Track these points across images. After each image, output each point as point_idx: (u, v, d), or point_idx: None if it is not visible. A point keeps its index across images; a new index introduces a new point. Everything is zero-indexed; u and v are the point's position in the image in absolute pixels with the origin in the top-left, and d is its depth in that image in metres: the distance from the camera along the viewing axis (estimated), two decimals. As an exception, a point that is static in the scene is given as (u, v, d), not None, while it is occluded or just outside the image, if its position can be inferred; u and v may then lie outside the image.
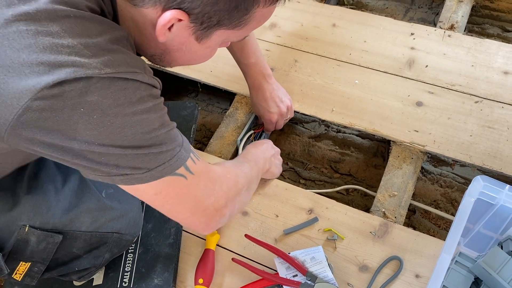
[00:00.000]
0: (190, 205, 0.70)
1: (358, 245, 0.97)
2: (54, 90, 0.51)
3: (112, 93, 0.54)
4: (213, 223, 0.76)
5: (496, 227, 0.84)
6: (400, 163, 1.11)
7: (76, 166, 0.59)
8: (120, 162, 0.58)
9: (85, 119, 0.53)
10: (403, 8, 1.64)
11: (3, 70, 0.51)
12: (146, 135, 0.58)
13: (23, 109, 0.51)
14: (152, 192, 0.65)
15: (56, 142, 0.55)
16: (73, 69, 0.51)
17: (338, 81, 1.26)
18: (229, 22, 0.62)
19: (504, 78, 1.20)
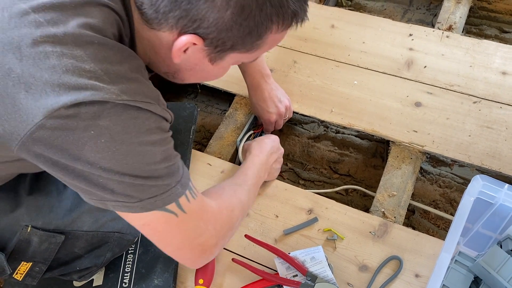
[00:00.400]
0: (177, 241, 0.70)
1: (358, 245, 0.97)
2: (70, 111, 0.53)
3: (123, 120, 0.56)
4: (200, 260, 0.76)
5: (496, 226, 0.85)
6: (399, 163, 1.11)
7: (74, 187, 0.60)
8: (116, 188, 0.59)
9: (93, 141, 0.55)
10: (401, 9, 1.65)
11: (25, 87, 0.52)
12: (146, 166, 0.59)
13: (36, 127, 0.53)
14: (141, 223, 0.66)
15: (61, 160, 0.56)
16: (92, 92, 0.53)
17: (337, 82, 1.26)
18: (242, 46, 0.64)
19: (502, 78, 1.21)
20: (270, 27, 0.62)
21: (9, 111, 0.53)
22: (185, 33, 0.61)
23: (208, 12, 0.58)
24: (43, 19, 0.53)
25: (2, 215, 0.76)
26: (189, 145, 1.13)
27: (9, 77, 0.52)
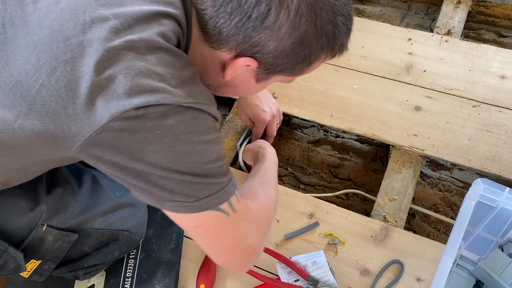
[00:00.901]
0: (228, 243, 0.71)
1: (359, 249, 0.97)
2: (139, 112, 0.54)
3: (186, 120, 0.58)
4: (249, 263, 0.76)
5: (497, 230, 0.85)
6: (400, 167, 1.11)
7: (132, 186, 0.61)
8: (175, 188, 0.60)
9: (157, 141, 0.56)
10: (400, 14, 1.66)
11: (98, 89, 0.54)
12: (204, 165, 0.61)
13: (103, 128, 0.54)
14: (194, 224, 0.66)
15: (122, 162, 0.58)
16: (162, 95, 0.55)
17: (337, 86, 1.27)
18: (290, 71, 0.67)
19: (501, 82, 1.21)
20: (320, 56, 0.66)
21: (78, 112, 0.54)
22: (243, 55, 0.63)
23: (270, 41, 0.61)
24: (122, 26, 0.56)
25: (23, 213, 0.76)
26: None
27: (83, 79, 0.54)
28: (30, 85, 0.55)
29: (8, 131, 0.57)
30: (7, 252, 0.75)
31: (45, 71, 0.54)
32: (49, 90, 0.54)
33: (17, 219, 0.76)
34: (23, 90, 0.55)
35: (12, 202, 0.76)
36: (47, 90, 0.54)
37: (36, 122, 0.55)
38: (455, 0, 1.46)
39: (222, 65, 0.67)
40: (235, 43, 0.62)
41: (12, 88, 0.55)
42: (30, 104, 0.55)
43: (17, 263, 0.77)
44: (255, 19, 0.59)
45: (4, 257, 0.75)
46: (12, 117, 0.56)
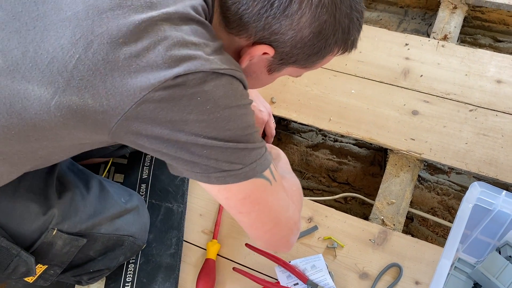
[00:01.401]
0: (273, 214, 0.70)
1: (358, 252, 0.98)
2: (178, 80, 0.55)
3: (224, 85, 0.58)
4: (293, 237, 0.76)
5: (494, 232, 0.86)
6: (398, 171, 1.12)
7: (176, 161, 0.61)
8: (220, 156, 0.60)
9: (199, 109, 0.57)
10: (396, 19, 1.67)
11: (136, 60, 0.54)
12: (245, 130, 0.62)
13: (144, 99, 0.54)
14: (242, 195, 0.66)
15: (164, 134, 0.57)
16: (199, 62, 0.56)
17: (335, 91, 1.28)
18: (303, 62, 0.68)
19: (498, 86, 1.22)
20: (334, 49, 0.67)
21: (116, 85, 0.54)
22: (261, 42, 0.64)
23: (289, 30, 0.61)
24: (157, 1, 0.57)
25: (35, 217, 0.76)
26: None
27: (121, 51, 0.54)
28: (67, 61, 0.54)
29: (43, 111, 0.56)
30: (19, 256, 0.75)
31: (81, 46, 0.54)
32: (87, 64, 0.54)
33: (29, 223, 0.76)
34: (59, 66, 0.54)
35: (24, 206, 0.76)
36: (85, 64, 0.54)
37: (74, 97, 0.55)
38: (451, 6, 1.48)
39: (238, 52, 0.67)
40: (255, 30, 0.62)
41: (48, 64, 0.55)
42: (67, 80, 0.54)
43: (28, 267, 0.77)
44: (278, 6, 0.59)
45: (16, 261, 0.75)
46: (48, 94, 0.55)
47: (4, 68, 0.56)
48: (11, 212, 0.74)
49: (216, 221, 1.04)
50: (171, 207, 1.06)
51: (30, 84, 0.55)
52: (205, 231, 1.04)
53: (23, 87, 0.56)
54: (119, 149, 1.08)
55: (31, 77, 0.55)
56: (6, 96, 0.56)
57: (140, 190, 1.10)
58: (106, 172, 1.13)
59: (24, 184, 0.76)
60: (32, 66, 0.55)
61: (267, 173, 0.66)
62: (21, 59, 0.55)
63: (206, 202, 1.08)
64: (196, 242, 1.03)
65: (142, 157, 1.15)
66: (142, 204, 0.99)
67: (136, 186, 1.10)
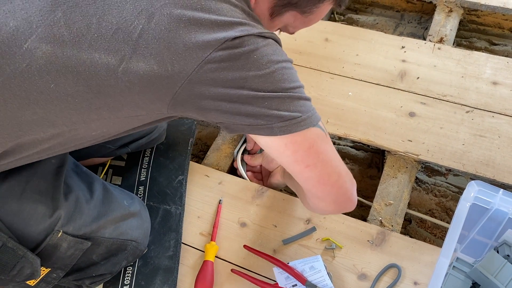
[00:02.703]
0: (335, 164, 0.74)
1: (356, 253, 0.98)
2: (236, 41, 0.61)
3: (271, 45, 0.66)
4: (354, 191, 0.79)
5: (492, 231, 0.86)
6: (395, 173, 1.12)
7: (239, 117, 0.65)
8: (280, 106, 0.65)
9: (256, 65, 0.63)
10: (393, 23, 1.68)
11: (195, 27, 0.60)
12: (296, 83, 0.68)
13: (205, 61, 0.60)
14: (307, 145, 0.69)
15: (226, 93, 0.63)
16: (249, 27, 0.63)
17: (332, 94, 1.28)
18: (304, 5, 0.74)
19: (493, 88, 1.23)
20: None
21: (179, 50, 0.59)
22: None
23: None
24: None
25: (41, 219, 0.76)
26: (187, 156, 1.14)
27: (180, 20, 0.59)
28: (131, 31, 0.59)
29: (110, 76, 0.60)
30: (25, 257, 0.74)
31: (143, 18, 0.59)
32: (150, 34, 0.59)
33: (36, 225, 0.76)
34: (124, 36, 0.59)
35: (31, 207, 0.75)
36: (148, 33, 0.59)
37: (141, 64, 0.59)
38: (446, 9, 1.49)
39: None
40: None
41: (113, 34, 0.59)
42: (133, 48, 0.59)
43: (33, 269, 0.76)
44: None
45: (21, 262, 0.74)
46: (116, 61, 0.60)
47: (70, 39, 0.59)
48: (18, 212, 0.74)
49: (214, 223, 1.04)
50: (169, 209, 1.06)
51: (96, 53, 0.59)
52: (203, 233, 1.04)
53: (90, 56, 0.59)
54: (119, 149, 1.08)
55: (97, 46, 0.59)
56: (73, 65, 0.60)
57: (138, 192, 1.09)
58: (104, 174, 1.13)
59: (32, 184, 0.76)
60: (97, 36, 0.59)
61: (321, 124, 0.72)
62: (86, 30, 0.59)
63: (204, 204, 1.08)
64: (194, 244, 1.02)
65: (140, 160, 1.15)
66: (144, 208, 0.99)
67: (134, 188, 1.10)
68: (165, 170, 1.13)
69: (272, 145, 0.70)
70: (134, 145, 1.11)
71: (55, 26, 0.59)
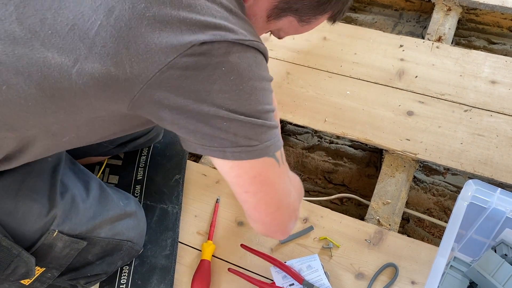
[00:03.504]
0: (278, 197, 0.70)
1: (353, 253, 0.97)
2: (203, 48, 0.54)
3: (248, 57, 0.58)
4: (290, 224, 0.76)
5: (489, 231, 0.86)
6: (393, 171, 1.12)
7: (193, 134, 0.60)
8: (239, 131, 0.59)
9: (223, 79, 0.56)
10: (391, 22, 1.68)
11: (160, 26, 0.53)
12: (264, 106, 0.61)
13: (168, 66, 0.53)
14: (253, 173, 0.65)
15: (186, 104, 0.56)
16: (225, 32, 0.55)
17: (330, 92, 1.28)
18: (304, 13, 0.69)
19: (492, 87, 1.23)
20: (332, 9, 0.70)
21: (140, 51, 0.53)
22: None
23: None
24: None
25: (37, 218, 0.75)
26: (185, 155, 1.14)
27: (144, 16, 0.52)
28: (88, 27, 0.53)
29: (64, 78, 0.55)
30: (20, 256, 0.73)
31: (102, 12, 0.53)
32: (109, 31, 0.52)
33: (31, 224, 0.75)
34: (81, 33, 0.53)
35: (27, 206, 0.74)
36: (107, 30, 0.53)
37: (96, 65, 0.53)
38: (445, 8, 1.48)
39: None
40: None
41: (69, 31, 0.53)
42: (89, 47, 0.53)
43: (28, 268, 0.75)
44: None
45: (16, 261, 0.73)
46: (70, 62, 0.54)
47: (21, 36, 0.54)
48: (13, 211, 0.73)
49: (211, 222, 1.04)
50: (166, 208, 1.06)
51: (49, 52, 0.54)
52: (200, 232, 1.03)
53: (42, 55, 0.54)
54: (116, 147, 1.08)
55: (50, 45, 0.54)
56: (24, 65, 0.54)
57: (134, 191, 1.09)
58: (101, 173, 1.13)
59: (28, 183, 0.76)
60: (51, 33, 0.54)
61: (278, 154, 0.66)
62: (39, 27, 0.54)
63: (201, 203, 1.08)
64: (191, 243, 1.02)
65: (137, 159, 1.15)
66: (140, 209, 0.99)
67: (130, 187, 1.10)
68: (162, 169, 1.12)
69: (217, 164, 0.65)
70: (132, 144, 1.10)
71: (6, 21, 0.54)
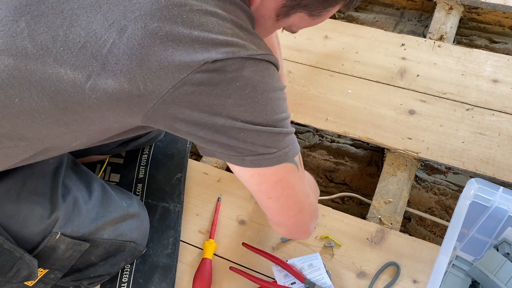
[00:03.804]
0: (299, 199, 0.71)
1: (355, 251, 0.97)
2: (217, 65, 0.55)
3: (261, 70, 0.59)
4: (312, 224, 0.77)
5: (492, 229, 0.85)
6: (395, 170, 1.12)
7: (211, 143, 0.61)
8: (256, 140, 0.60)
9: (237, 93, 0.57)
10: (393, 21, 1.68)
11: (173, 44, 0.54)
12: (280, 115, 0.62)
13: (182, 82, 0.54)
14: (275, 179, 0.66)
15: (201, 117, 0.58)
16: (237, 48, 0.56)
17: (332, 91, 1.28)
18: (314, 7, 0.68)
19: (494, 86, 1.23)
20: (342, 0, 0.68)
21: (153, 69, 0.54)
22: None
23: None
24: None
25: (38, 220, 0.75)
26: (186, 153, 1.14)
27: (156, 35, 0.53)
28: (101, 45, 0.54)
29: (77, 93, 0.56)
30: (22, 259, 0.73)
31: (115, 31, 0.54)
32: (122, 49, 0.54)
33: (33, 226, 0.74)
34: (93, 50, 0.54)
35: (29, 209, 0.74)
36: (119, 49, 0.54)
37: (110, 81, 0.55)
38: (447, 6, 1.48)
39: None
40: None
41: (81, 48, 0.54)
42: (102, 64, 0.54)
43: (30, 271, 0.75)
44: None
45: (18, 264, 0.73)
46: (83, 77, 0.55)
47: (33, 52, 0.55)
48: (15, 214, 0.73)
49: (213, 220, 1.04)
50: (168, 206, 1.06)
51: (62, 68, 0.55)
52: (201, 231, 1.03)
53: (55, 71, 0.55)
54: (118, 146, 1.08)
55: (63, 61, 0.55)
56: (37, 79, 0.55)
57: (136, 190, 1.09)
58: (102, 172, 1.13)
59: (29, 186, 0.75)
60: (64, 49, 0.55)
61: (297, 158, 0.67)
62: (51, 43, 0.55)
63: (202, 201, 1.08)
64: (193, 241, 1.02)
65: (138, 157, 1.15)
66: (143, 209, 0.99)
67: (132, 186, 1.10)
68: (163, 167, 1.12)
69: (238, 172, 0.67)
70: (133, 143, 1.10)
71: (17, 37, 0.55)
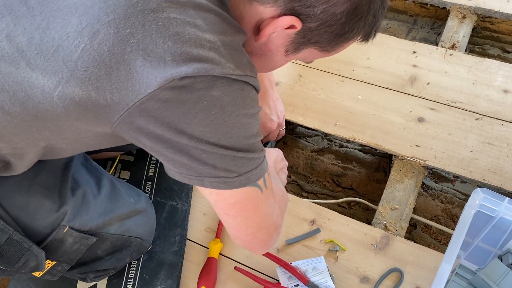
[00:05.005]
0: (259, 220, 0.70)
1: (359, 256, 0.98)
2: (185, 81, 0.51)
3: (233, 91, 0.55)
4: (271, 241, 0.75)
5: (496, 240, 0.86)
6: (402, 177, 1.12)
7: (172, 162, 0.59)
8: (218, 163, 0.58)
9: (204, 113, 0.54)
10: (405, 28, 1.68)
11: (143, 54, 0.51)
12: (247, 139, 0.59)
13: (148, 97, 0.52)
14: (232, 201, 0.65)
15: (165, 134, 0.55)
16: (211, 65, 0.52)
17: (342, 96, 1.28)
18: (325, 44, 0.64)
19: (504, 96, 1.23)
20: (357, 35, 0.64)
21: (121, 79, 0.52)
22: (290, 13, 0.59)
23: (323, 3, 0.57)
24: None
25: (47, 213, 0.77)
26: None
27: (128, 42, 0.51)
28: (72, 50, 0.52)
29: (46, 101, 0.54)
30: (30, 250, 0.75)
31: (87, 35, 0.51)
32: (92, 55, 0.51)
33: (42, 219, 0.76)
34: (64, 55, 0.52)
35: (38, 202, 0.76)
36: (90, 54, 0.51)
37: (77, 89, 0.53)
38: (460, 15, 1.48)
39: (258, 26, 0.62)
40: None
41: (54, 53, 0.52)
42: (71, 70, 0.52)
43: (38, 262, 0.77)
44: None
45: (26, 255, 0.75)
46: (52, 84, 0.53)
47: (9, 54, 0.54)
48: (25, 206, 0.75)
49: (219, 220, 1.05)
50: (176, 205, 1.07)
51: (34, 73, 0.53)
52: (208, 230, 1.05)
53: (27, 75, 0.54)
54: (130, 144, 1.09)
55: (35, 65, 0.53)
56: (10, 83, 0.54)
57: (145, 187, 1.11)
58: (113, 169, 1.15)
59: (40, 179, 0.77)
60: (37, 53, 0.53)
61: (261, 181, 0.65)
62: (26, 46, 0.53)
63: (210, 201, 1.09)
64: (199, 240, 1.03)
65: (149, 155, 1.16)
66: (150, 205, 1.00)
67: (141, 183, 1.11)
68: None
69: (198, 188, 0.64)
70: None
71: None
